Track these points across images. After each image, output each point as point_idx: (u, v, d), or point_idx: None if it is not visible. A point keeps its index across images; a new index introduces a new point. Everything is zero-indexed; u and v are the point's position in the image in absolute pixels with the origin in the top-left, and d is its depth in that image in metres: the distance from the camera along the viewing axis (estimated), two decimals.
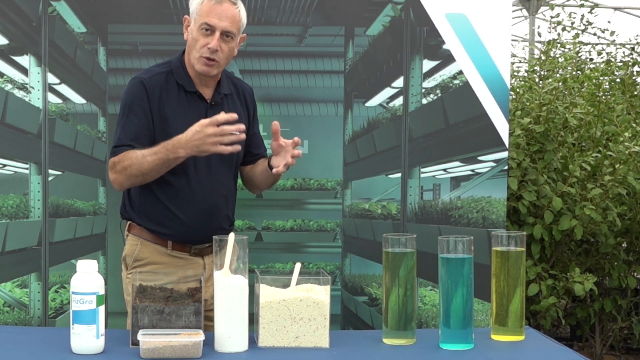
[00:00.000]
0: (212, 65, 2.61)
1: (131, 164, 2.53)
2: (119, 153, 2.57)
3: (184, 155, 2.49)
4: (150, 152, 2.52)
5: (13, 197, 3.16)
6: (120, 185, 2.61)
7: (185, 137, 2.47)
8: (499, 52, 3.21)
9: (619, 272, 4.26)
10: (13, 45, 3.15)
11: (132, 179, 2.57)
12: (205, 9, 2.59)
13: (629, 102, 4.76)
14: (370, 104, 3.28)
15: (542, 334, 2.39)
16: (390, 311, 2.22)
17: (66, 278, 3.16)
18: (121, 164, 2.55)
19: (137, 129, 2.58)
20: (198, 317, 2.16)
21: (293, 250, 3.29)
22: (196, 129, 2.45)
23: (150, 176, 2.56)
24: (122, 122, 2.61)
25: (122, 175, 2.56)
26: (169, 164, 2.53)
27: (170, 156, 2.50)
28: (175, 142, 2.49)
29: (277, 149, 2.62)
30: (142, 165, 2.52)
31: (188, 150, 2.48)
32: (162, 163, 2.52)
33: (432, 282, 3.20)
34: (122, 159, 2.55)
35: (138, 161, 2.52)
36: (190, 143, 2.46)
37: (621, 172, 3.92)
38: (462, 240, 2.17)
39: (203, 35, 2.59)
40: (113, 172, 2.58)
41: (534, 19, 12.98)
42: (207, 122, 2.45)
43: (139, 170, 2.53)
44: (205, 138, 2.44)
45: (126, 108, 2.61)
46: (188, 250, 2.70)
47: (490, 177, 3.25)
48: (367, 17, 3.25)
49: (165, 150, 2.50)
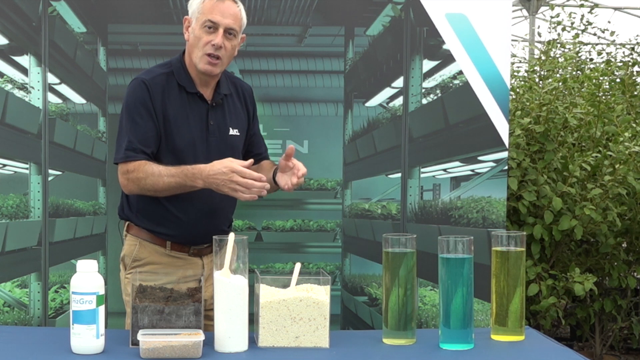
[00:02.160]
0: (216, 64, 2.61)
1: (146, 177, 2.53)
2: (131, 159, 2.55)
3: (202, 186, 2.49)
4: (167, 173, 2.51)
5: (13, 197, 3.16)
6: (129, 191, 2.62)
7: (209, 171, 2.45)
8: (499, 52, 3.21)
9: (619, 272, 4.26)
10: (13, 45, 3.15)
11: (143, 191, 2.58)
12: (207, 7, 2.59)
13: (629, 102, 4.76)
14: (370, 104, 3.28)
15: (542, 334, 2.39)
16: (390, 311, 2.22)
17: (66, 278, 3.16)
18: (135, 174, 2.54)
19: (145, 130, 2.57)
20: (198, 317, 2.16)
21: (293, 250, 3.29)
22: (223, 170, 2.42)
23: (163, 194, 2.57)
24: (130, 125, 2.59)
25: (134, 185, 2.57)
26: (185, 189, 2.54)
27: (187, 183, 2.50)
28: (196, 171, 2.48)
29: (284, 167, 2.62)
30: (157, 184, 2.52)
31: (207, 184, 2.47)
32: (177, 187, 2.52)
33: (432, 282, 3.20)
34: (136, 169, 2.54)
35: (154, 179, 2.52)
36: (211, 179, 2.45)
37: (621, 172, 3.92)
38: (462, 240, 2.17)
39: (206, 32, 2.59)
40: (125, 178, 2.58)
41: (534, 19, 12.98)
42: (238, 170, 2.41)
43: (152, 187, 2.53)
44: (229, 183, 2.42)
45: (131, 109, 2.60)
46: (187, 250, 2.70)
47: (490, 177, 3.25)
48: (367, 17, 3.25)
49: (184, 176, 2.49)
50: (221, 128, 2.68)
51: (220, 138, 2.68)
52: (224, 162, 2.44)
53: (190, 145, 2.62)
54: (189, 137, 2.62)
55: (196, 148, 2.62)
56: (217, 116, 2.69)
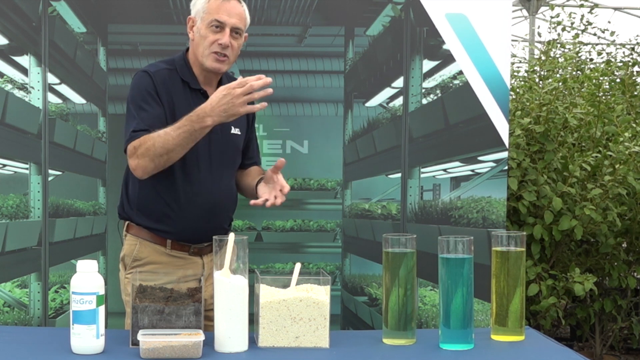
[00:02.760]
0: (224, 61, 2.62)
1: (154, 143, 2.47)
2: (136, 138, 2.52)
3: (211, 123, 2.45)
4: (173, 128, 2.47)
5: (13, 197, 3.16)
6: (143, 170, 2.52)
7: (211, 104, 2.43)
8: (499, 52, 3.21)
9: (619, 272, 4.26)
10: (13, 45, 3.15)
11: (157, 160, 2.49)
12: (213, 6, 2.60)
13: (629, 102, 4.76)
14: (370, 104, 3.28)
15: (542, 334, 2.39)
16: (390, 311, 2.22)
17: (66, 278, 3.16)
18: (143, 147, 2.49)
19: (152, 116, 2.55)
20: (198, 317, 2.16)
21: (293, 250, 3.29)
22: (223, 92, 2.42)
23: (176, 152, 2.49)
24: (136, 111, 2.56)
25: (146, 159, 2.49)
26: (196, 136, 2.48)
27: (196, 127, 2.45)
28: (199, 111, 2.45)
29: (269, 179, 2.62)
30: (167, 142, 2.46)
31: (215, 117, 2.43)
32: (188, 136, 2.46)
33: (432, 282, 3.20)
34: (142, 142, 2.49)
35: (161, 139, 2.46)
36: (217, 109, 2.42)
37: (621, 172, 3.92)
38: (462, 241, 2.17)
39: (212, 32, 2.60)
40: (134, 157, 2.51)
41: (534, 19, 12.98)
42: (235, 84, 2.41)
43: (163, 147, 2.46)
44: (234, 99, 2.40)
45: (137, 98, 2.58)
46: (187, 249, 2.69)
47: (490, 177, 3.25)
48: (367, 17, 3.25)
49: (190, 122, 2.45)
50: (223, 126, 2.68)
51: (222, 136, 2.68)
52: (217, 91, 2.44)
53: None
54: None
55: (197, 145, 2.62)
56: None
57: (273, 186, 2.60)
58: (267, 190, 2.61)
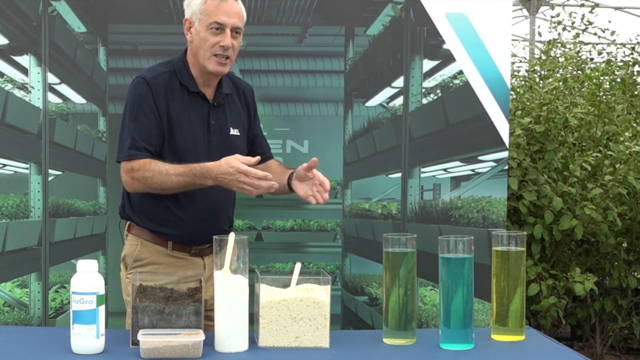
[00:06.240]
0: (225, 63, 2.62)
1: (153, 176, 2.52)
2: (135, 157, 2.54)
3: (211, 184, 2.50)
4: (175, 172, 2.50)
5: (13, 197, 3.16)
6: (133, 190, 2.61)
7: (217, 170, 2.45)
8: (499, 52, 3.21)
9: (620, 272, 4.26)
10: (13, 45, 3.15)
11: (150, 190, 2.57)
12: (211, 8, 2.58)
13: (630, 101, 4.76)
14: (371, 103, 3.28)
15: (542, 334, 2.39)
16: (390, 311, 2.22)
17: (66, 278, 3.16)
18: (141, 173, 2.53)
19: (148, 128, 2.57)
20: (198, 317, 2.16)
21: (293, 250, 3.29)
22: (229, 170, 2.42)
23: (169, 192, 2.57)
24: (133, 123, 2.58)
25: (140, 184, 2.55)
26: (193, 188, 2.54)
27: (197, 182, 2.50)
28: (205, 170, 2.47)
29: (303, 177, 2.60)
30: (165, 182, 2.51)
31: (216, 182, 2.47)
32: (186, 185, 2.52)
33: (432, 282, 3.20)
34: (142, 167, 2.53)
35: (162, 177, 2.51)
36: (219, 177, 2.45)
37: (621, 172, 3.92)
38: (462, 240, 2.17)
39: (213, 34, 2.59)
40: (130, 177, 2.56)
41: (534, 18, 12.97)
42: (244, 170, 2.41)
43: (160, 185, 2.53)
44: (236, 182, 2.43)
45: (134, 108, 2.59)
46: (188, 250, 2.70)
47: (490, 177, 3.25)
48: (367, 17, 3.25)
49: (192, 175, 2.49)
50: (222, 128, 2.68)
51: (222, 138, 2.67)
52: (231, 162, 2.43)
53: (192, 144, 2.62)
54: (190, 137, 2.62)
55: (198, 148, 2.62)
56: (218, 116, 2.69)
57: (312, 182, 2.59)
58: (305, 187, 2.60)
